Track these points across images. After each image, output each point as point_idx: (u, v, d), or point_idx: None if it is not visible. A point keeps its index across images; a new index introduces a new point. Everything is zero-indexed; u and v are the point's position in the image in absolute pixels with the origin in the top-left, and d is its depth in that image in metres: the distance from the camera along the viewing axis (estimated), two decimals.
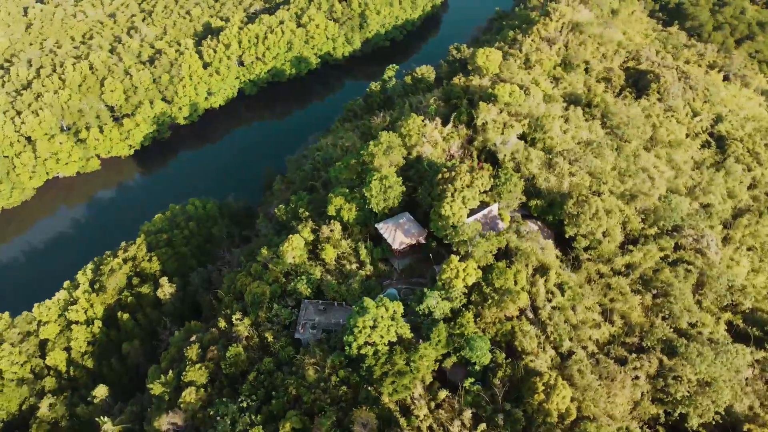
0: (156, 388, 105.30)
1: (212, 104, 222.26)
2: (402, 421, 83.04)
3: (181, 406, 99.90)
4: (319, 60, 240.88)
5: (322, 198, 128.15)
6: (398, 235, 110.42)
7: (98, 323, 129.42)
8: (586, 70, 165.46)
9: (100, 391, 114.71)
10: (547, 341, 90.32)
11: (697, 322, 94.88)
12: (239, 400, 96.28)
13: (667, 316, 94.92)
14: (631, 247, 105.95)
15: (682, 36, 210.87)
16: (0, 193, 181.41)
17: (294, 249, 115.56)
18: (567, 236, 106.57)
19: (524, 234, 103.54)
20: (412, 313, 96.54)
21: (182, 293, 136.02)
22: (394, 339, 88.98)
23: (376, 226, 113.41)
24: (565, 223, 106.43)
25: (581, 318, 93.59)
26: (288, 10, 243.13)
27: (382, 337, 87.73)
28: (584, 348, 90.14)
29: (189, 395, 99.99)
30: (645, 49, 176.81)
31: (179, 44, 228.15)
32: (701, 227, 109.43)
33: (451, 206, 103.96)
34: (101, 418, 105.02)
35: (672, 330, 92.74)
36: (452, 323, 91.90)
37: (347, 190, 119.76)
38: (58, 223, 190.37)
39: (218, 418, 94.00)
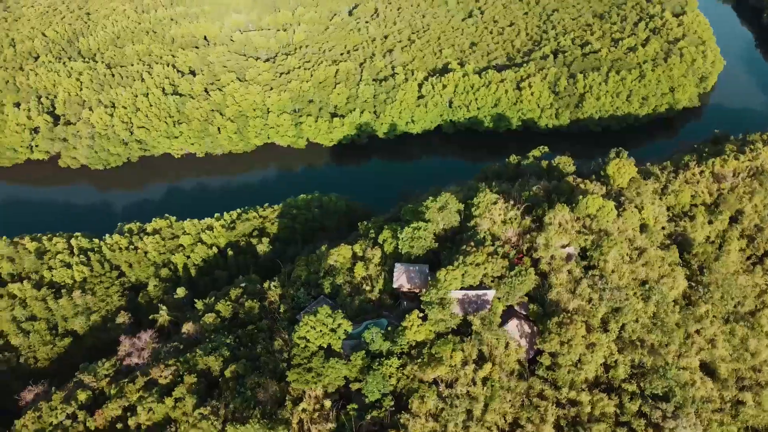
0: (199, 305, 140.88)
1: (410, 129, 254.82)
2: (288, 404, 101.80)
3: (201, 322, 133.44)
4: (520, 123, 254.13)
5: None
6: (403, 278, 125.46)
7: (215, 250, 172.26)
8: (733, 220, 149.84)
9: (181, 292, 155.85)
10: (439, 417, 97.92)
11: None
12: (230, 337, 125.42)
13: None
14: (594, 390, 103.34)
15: None
16: (231, 140, 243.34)
17: (338, 255, 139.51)
18: (536, 348, 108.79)
19: (489, 325, 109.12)
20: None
21: (276, 255, 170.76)
22: (325, 345, 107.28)
23: (394, 264, 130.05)
24: (542, 336, 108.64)
25: (484, 416, 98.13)
26: (516, 72, 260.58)
27: (315, 338, 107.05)
28: None
29: (208, 318, 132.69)
30: None
31: (412, 73, 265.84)
32: (687, 411, 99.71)
33: (447, 272, 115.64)
34: (160, 305, 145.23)
35: None
36: (379, 360, 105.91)
37: (398, 228, 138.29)
38: (262, 175, 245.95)
39: (207, 341, 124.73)
